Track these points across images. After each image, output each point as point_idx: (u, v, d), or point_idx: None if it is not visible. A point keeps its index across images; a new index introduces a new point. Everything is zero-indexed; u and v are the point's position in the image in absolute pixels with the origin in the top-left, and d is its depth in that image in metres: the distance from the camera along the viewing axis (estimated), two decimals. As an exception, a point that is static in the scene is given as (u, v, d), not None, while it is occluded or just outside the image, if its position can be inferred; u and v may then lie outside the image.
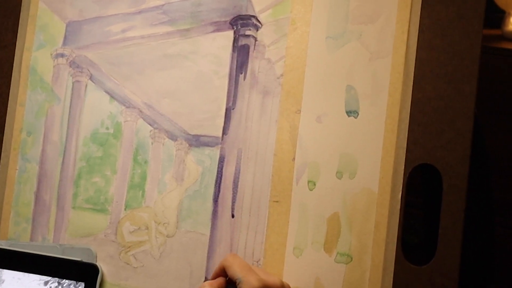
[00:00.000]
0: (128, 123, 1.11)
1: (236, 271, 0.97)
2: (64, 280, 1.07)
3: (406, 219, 0.97)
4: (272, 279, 0.97)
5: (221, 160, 1.05)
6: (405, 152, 0.97)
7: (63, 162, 1.13)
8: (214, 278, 1.01)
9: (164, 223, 1.07)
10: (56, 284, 1.07)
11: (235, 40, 1.07)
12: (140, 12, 1.12)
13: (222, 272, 1.00)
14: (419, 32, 0.97)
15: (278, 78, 1.04)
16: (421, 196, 1.37)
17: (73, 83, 1.14)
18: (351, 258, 0.99)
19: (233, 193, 1.05)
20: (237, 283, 0.96)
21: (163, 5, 1.10)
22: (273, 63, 1.04)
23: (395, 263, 0.96)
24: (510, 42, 2.28)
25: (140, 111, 1.10)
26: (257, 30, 1.05)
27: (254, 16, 1.06)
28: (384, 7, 0.99)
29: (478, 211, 1.31)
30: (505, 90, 2.17)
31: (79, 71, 1.14)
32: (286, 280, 1.00)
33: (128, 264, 1.09)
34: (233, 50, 1.07)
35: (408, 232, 1.02)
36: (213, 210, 1.05)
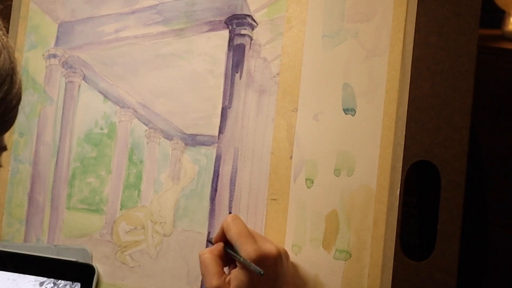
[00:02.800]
0: (123, 123, 1.11)
1: (234, 237, 0.96)
2: (60, 280, 1.07)
3: (404, 219, 0.98)
4: (268, 247, 0.95)
5: (218, 159, 1.06)
6: (402, 149, 0.97)
7: (56, 162, 1.13)
8: (216, 238, 1.00)
9: (160, 222, 1.07)
10: (52, 284, 1.07)
11: (231, 40, 1.07)
12: (133, 12, 1.12)
13: (224, 233, 0.99)
14: (415, 30, 0.98)
15: (274, 76, 1.04)
16: (418, 195, 1.38)
17: (66, 83, 1.14)
18: (350, 255, 0.99)
19: (230, 192, 1.05)
20: (237, 259, 0.95)
21: (156, 5, 1.10)
22: (269, 62, 1.04)
23: (394, 259, 0.97)
24: (510, 42, 2.29)
25: (135, 111, 1.10)
26: (253, 29, 1.06)
27: (249, 15, 1.06)
28: (380, 5, 1.00)
29: (472, 208, 1.32)
30: (505, 90, 2.19)
31: (72, 72, 1.14)
32: (284, 278, 1.01)
33: (124, 264, 1.08)
34: (229, 49, 1.07)
35: (408, 232, 1.02)
36: (210, 209, 1.05)
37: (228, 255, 0.97)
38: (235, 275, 0.95)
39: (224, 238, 0.98)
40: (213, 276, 0.95)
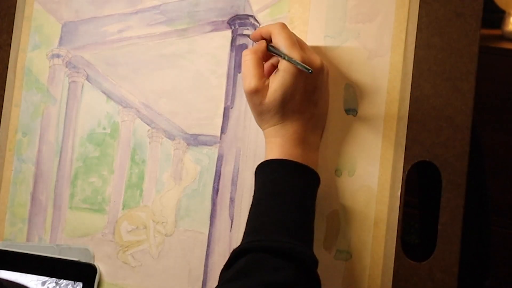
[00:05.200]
0: (125, 123, 1.11)
1: (281, 41, 0.95)
2: (62, 280, 1.07)
3: (405, 219, 0.98)
4: (314, 57, 0.95)
5: (220, 159, 1.06)
6: (404, 149, 0.97)
7: (59, 162, 1.13)
8: (256, 35, 1.00)
9: (162, 222, 1.07)
10: (54, 284, 1.07)
11: (233, 40, 1.07)
12: (136, 12, 1.12)
13: (267, 35, 0.98)
14: (417, 31, 0.98)
15: (276, 77, 1.04)
16: (419, 196, 1.38)
17: (69, 83, 1.14)
18: (351, 255, 0.99)
19: (231, 192, 1.05)
20: (281, 57, 0.94)
21: (160, 5, 1.10)
22: (271, 62, 1.05)
23: (394, 260, 0.97)
24: (510, 42, 2.29)
25: (137, 111, 1.10)
26: (255, 30, 1.06)
27: (251, 16, 1.06)
28: (381, 5, 1.00)
29: (474, 209, 1.32)
30: (505, 90, 2.19)
31: (75, 72, 1.14)
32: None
33: (126, 263, 1.09)
34: (231, 50, 1.07)
35: (409, 233, 1.02)
36: (212, 208, 1.05)
37: (271, 53, 0.97)
38: (277, 78, 0.94)
39: (266, 37, 0.98)
40: (253, 77, 0.95)
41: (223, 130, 1.06)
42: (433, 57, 0.97)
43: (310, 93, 0.95)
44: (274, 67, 0.97)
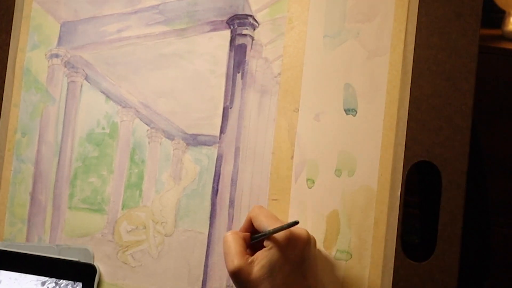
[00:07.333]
0: (125, 123, 1.11)
1: (263, 221, 0.95)
2: (62, 280, 1.07)
3: (405, 219, 0.98)
4: (299, 230, 0.95)
5: (219, 159, 1.06)
6: (403, 149, 0.97)
7: (58, 162, 1.13)
8: (242, 230, 1.00)
9: (162, 222, 1.07)
10: (54, 284, 1.07)
11: (232, 40, 1.07)
12: (135, 12, 1.12)
13: (250, 225, 0.98)
14: (416, 30, 0.98)
15: (275, 77, 1.04)
16: (419, 196, 1.38)
17: (68, 83, 1.14)
18: (351, 255, 0.99)
19: (231, 192, 1.05)
20: (265, 237, 0.94)
21: (159, 5, 1.10)
22: (271, 62, 1.05)
23: (394, 260, 0.97)
24: (510, 42, 2.29)
25: (137, 111, 1.10)
26: (254, 29, 1.06)
27: (251, 16, 1.06)
28: (381, 5, 1.00)
29: (474, 209, 1.32)
30: (505, 90, 2.19)
31: (74, 72, 1.14)
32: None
33: (125, 263, 1.08)
34: (230, 50, 1.07)
35: (409, 232, 1.02)
36: (211, 208, 1.05)
37: (254, 244, 0.97)
38: (263, 254, 0.94)
39: (250, 229, 0.98)
40: (235, 256, 0.94)
41: (222, 130, 1.06)
42: (432, 57, 0.97)
43: (298, 265, 0.94)
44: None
